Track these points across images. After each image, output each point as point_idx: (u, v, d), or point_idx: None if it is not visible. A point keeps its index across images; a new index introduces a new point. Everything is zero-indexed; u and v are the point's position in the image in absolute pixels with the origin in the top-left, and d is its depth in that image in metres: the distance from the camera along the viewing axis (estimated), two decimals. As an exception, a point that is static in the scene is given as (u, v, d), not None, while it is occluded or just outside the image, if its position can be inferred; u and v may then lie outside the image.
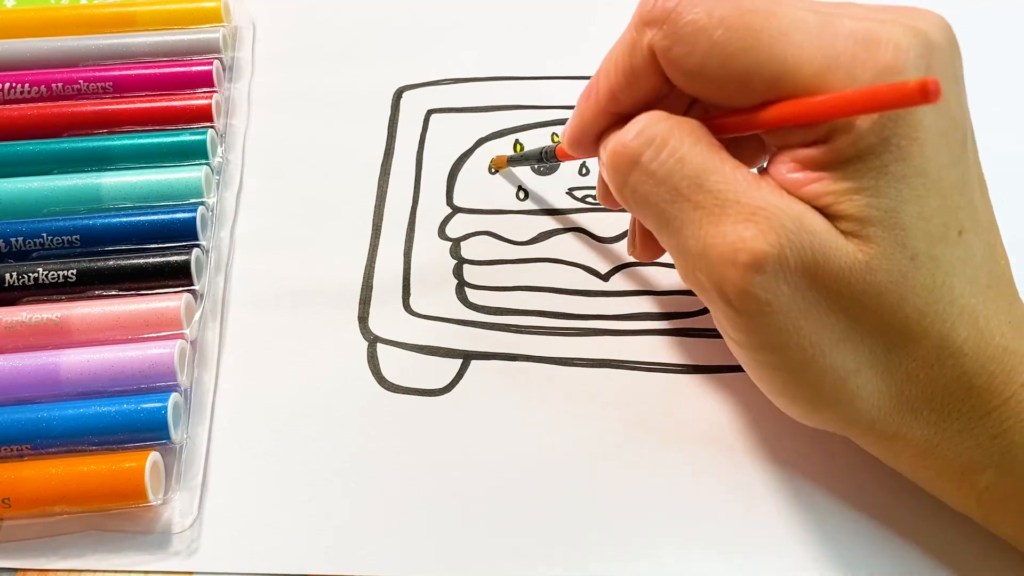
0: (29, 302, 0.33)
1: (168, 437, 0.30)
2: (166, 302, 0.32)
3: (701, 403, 0.31)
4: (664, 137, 0.24)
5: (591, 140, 0.28)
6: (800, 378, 0.25)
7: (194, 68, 0.39)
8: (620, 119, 0.26)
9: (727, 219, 0.23)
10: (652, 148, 0.24)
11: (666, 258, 0.35)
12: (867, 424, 0.25)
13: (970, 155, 0.25)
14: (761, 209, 0.23)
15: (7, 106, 0.38)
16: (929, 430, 0.25)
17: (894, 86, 0.20)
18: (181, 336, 0.32)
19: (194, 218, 0.34)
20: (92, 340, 0.32)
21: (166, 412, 0.30)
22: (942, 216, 0.23)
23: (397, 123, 0.39)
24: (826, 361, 0.24)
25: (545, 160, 0.34)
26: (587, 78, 0.40)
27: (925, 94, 0.19)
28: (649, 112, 0.25)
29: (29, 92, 0.38)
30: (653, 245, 0.30)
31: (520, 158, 0.36)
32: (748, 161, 0.26)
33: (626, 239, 0.35)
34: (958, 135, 0.24)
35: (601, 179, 0.30)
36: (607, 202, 0.31)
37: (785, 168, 0.24)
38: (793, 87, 0.23)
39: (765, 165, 0.25)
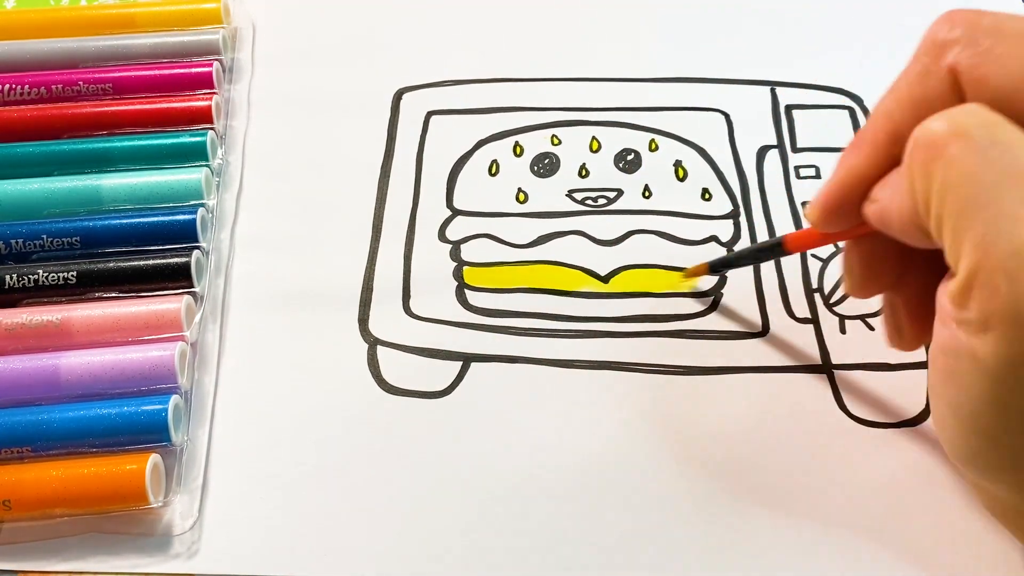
0: (29, 304, 0.33)
1: (168, 439, 0.30)
2: (166, 304, 0.32)
3: (702, 405, 0.31)
4: (997, 121, 0.21)
5: (859, 197, 0.25)
6: None
7: (194, 69, 0.39)
8: (894, 166, 0.24)
9: None
10: (984, 126, 0.21)
11: (666, 260, 0.35)
12: None
13: None
14: None
15: (7, 107, 0.38)
16: None
17: None
18: (181, 338, 0.32)
19: (194, 220, 0.34)
20: (92, 342, 0.32)
21: (166, 414, 0.30)
22: None
23: (397, 125, 0.39)
24: None
25: (767, 255, 0.32)
26: (586, 79, 0.41)
27: None
28: (970, 103, 0.22)
29: (29, 93, 0.38)
30: (922, 327, 0.27)
31: (729, 262, 0.33)
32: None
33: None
34: None
35: (857, 262, 0.27)
36: (864, 289, 0.27)
37: None
38: None
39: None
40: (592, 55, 0.41)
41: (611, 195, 0.36)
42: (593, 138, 0.38)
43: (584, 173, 0.37)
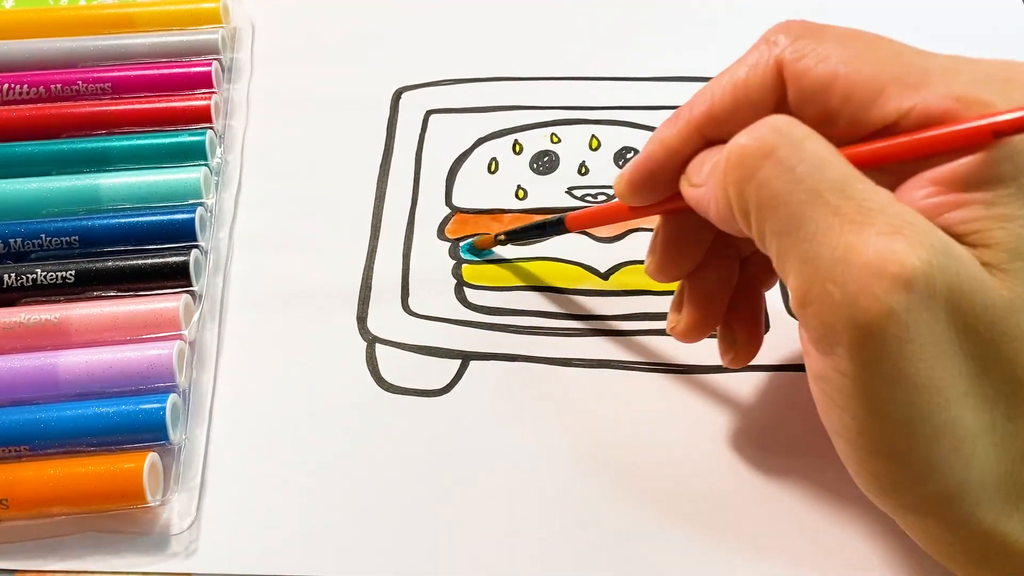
0: (28, 303, 0.33)
1: (166, 438, 0.30)
2: (165, 303, 0.32)
3: (701, 403, 0.31)
4: (803, 136, 0.22)
5: (672, 170, 0.26)
6: (915, 432, 0.21)
7: (193, 69, 0.39)
8: (706, 147, 0.25)
9: (872, 229, 0.21)
10: (790, 144, 0.22)
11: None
12: (969, 507, 0.22)
13: None
14: (908, 224, 0.21)
15: (6, 107, 0.38)
16: None
17: None
18: (180, 337, 0.32)
19: (193, 219, 0.34)
20: (91, 341, 0.32)
21: (164, 413, 0.30)
22: None
23: (396, 124, 0.39)
24: (948, 414, 0.21)
25: (548, 232, 0.32)
26: (586, 78, 0.41)
27: None
28: (779, 115, 0.23)
29: (28, 93, 0.38)
30: (704, 315, 0.29)
31: (513, 236, 0.34)
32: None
33: (631, 242, 0.35)
34: None
35: (662, 242, 0.28)
36: (664, 272, 0.29)
37: (922, 193, 0.22)
38: (936, 99, 0.22)
39: None
40: (592, 54, 0.41)
41: (610, 192, 0.36)
42: (592, 136, 0.38)
43: (583, 171, 0.37)
